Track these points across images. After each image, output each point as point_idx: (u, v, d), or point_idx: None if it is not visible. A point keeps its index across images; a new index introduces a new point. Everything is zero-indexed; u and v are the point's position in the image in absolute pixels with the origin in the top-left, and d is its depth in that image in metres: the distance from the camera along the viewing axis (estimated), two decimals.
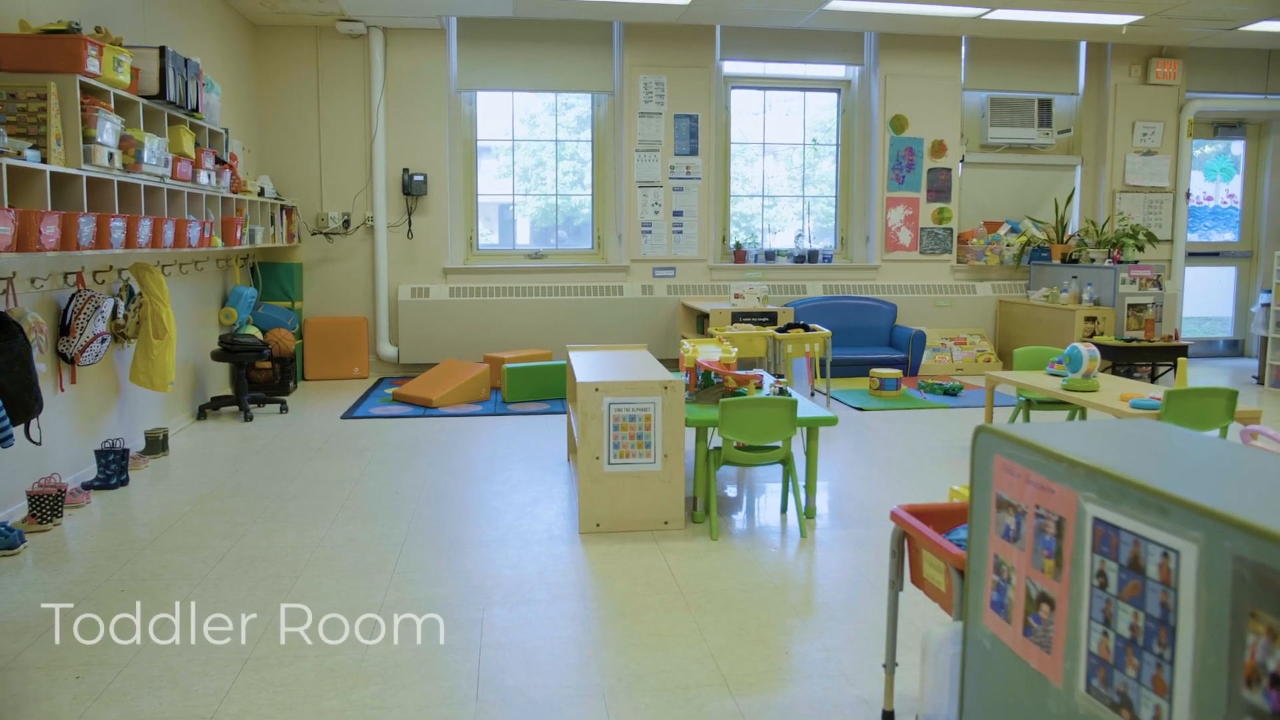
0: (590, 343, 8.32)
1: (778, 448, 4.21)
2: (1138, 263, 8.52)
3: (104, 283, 5.06)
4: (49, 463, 4.44)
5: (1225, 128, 10.10)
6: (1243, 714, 1.17)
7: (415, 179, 8.25)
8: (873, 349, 8.61)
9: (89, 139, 4.18)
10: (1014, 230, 9.38)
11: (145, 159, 4.67)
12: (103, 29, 4.58)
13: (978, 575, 1.85)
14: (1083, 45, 9.23)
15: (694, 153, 8.64)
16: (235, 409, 6.73)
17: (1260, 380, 8.26)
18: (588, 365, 4.62)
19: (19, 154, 3.72)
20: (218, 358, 6.48)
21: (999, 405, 6.21)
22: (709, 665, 2.85)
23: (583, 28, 8.38)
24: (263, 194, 7.18)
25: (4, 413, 3.63)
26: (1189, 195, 9.62)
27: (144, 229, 4.65)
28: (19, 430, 3.91)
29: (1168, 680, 1.31)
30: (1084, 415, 5.60)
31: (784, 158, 9.22)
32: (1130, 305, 8.11)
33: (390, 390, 7.54)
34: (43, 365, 4.16)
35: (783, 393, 4.47)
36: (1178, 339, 8.05)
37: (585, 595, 3.40)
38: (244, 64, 7.74)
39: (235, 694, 2.67)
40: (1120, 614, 1.42)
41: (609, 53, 8.50)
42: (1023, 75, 9.14)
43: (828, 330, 7.00)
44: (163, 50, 4.98)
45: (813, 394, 7.43)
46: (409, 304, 8.29)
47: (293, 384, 7.60)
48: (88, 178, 4.24)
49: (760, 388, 4.70)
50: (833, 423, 4.26)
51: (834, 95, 9.21)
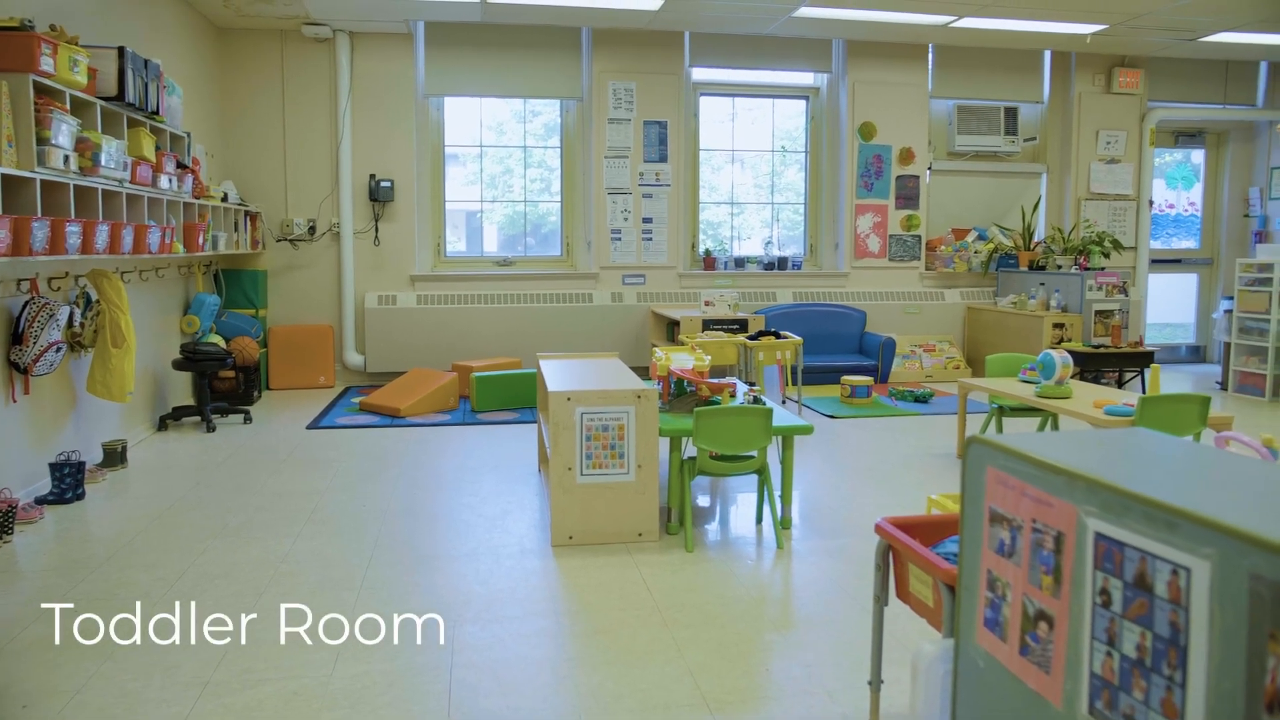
0: (560, 350, 8.25)
1: (753, 457, 4.16)
2: (1104, 269, 8.58)
3: (60, 290, 4.90)
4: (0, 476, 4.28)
5: (1186, 136, 10.24)
6: None
7: (382, 185, 8.13)
8: (843, 356, 8.60)
9: (43, 140, 4.04)
10: (981, 237, 9.43)
11: (103, 162, 4.53)
12: (58, 27, 4.44)
13: (970, 591, 1.79)
14: (1047, 54, 9.31)
15: (663, 159, 8.60)
16: (197, 419, 6.57)
17: (1224, 385, 8.35)
18: (559, 374, 4.54)
19: None
20: (179, 367, 6.32)
21: (970, 412, 6.22)
22: (688, 683, 2.77)
23: (552, 33, 8.32)
24: (226, 199, 7.03)
25: None
26: (1152, 203, 9.73)
27: (101, 234, 4.50)
28: None
29: (1179, 704, 1.26)
30: (1056, 422, 5.61)
31: (751, 165, 9.19)
32: (1097, 312, 8.17)
33: (357, 400, 7.40)
34: None
35: (757, 401, 4.42)
36: (1142, 345, 8.11)
37: (559, 611, 3.32)
38: (207, 67, 7.58)
39: None
40: (1126, 634, 1.36)
41: (578, 59, 8.44)
42: (989, 83, 9.19)
43: (799, 337, 6.97)
44: (121, 50, 4.84)
45: (784, 401, 7.39)
46: (376, 312, 8.16)
47: (257, 393, 7.44)
48: (42, 181, 4.10)
49: (734, 396, 4.65)
50: (808, 431, 4.21)
51: (803, 102, 9.21)
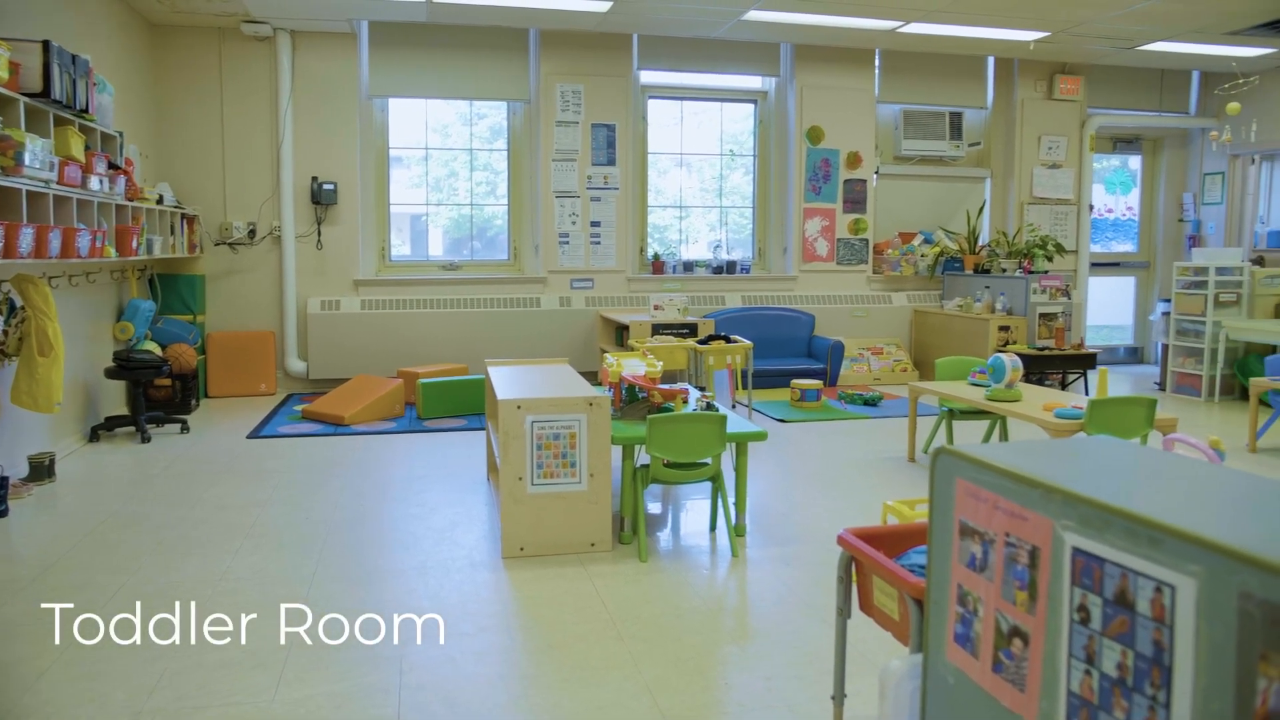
0: (507, 355, 8.14)
1: (707, 464, 4.10)
2: (1048, 273, 8.71)
3: None
4: None
5: (1123, 143, 10.46)
6: None
7: (325, 188, 7.94)
8: (792, 360, 8.61)
9: None
10: (928, 241, 9.52)
11: (27, 161, 4.32)
12: None
13: (939, 606, 1.75)
14: (991, 61, 9.43)
15: (611, 162, 8.53)
16: (131, 430, 6.34)
17: (1162, 386, 8.52)
18: (508, 381, 4.45)
19: None
20: (112, 375, 6.08)
21: (920, 415, 6.24)
22: (646, 700, 2.70)
23: (498, 34, 8.20)
24: (161, 202, 6.79)
25: None
26: (1092, 207, 9.91)
27: (25, 237, 4.30)
28: None
29: None
30: (1005, 425, 5.65)
31: (697, 169, 9.17)
32: (1041, 314, 8.28)
33: (299, 407, 7.21)
34: None
35: (710, 407, 4.37)
36: (1084, 347, 8.24)
37: (511, 626, 3.22)
38: (141, 64, 7.33)
39: None
40: (1106, 652, 1.32)
41: (525, 60, 8.33)
42: (934, 89, 9.29)
43: (749, 342, 6.95)
44: (46, 45, 4.63)
45: (734, 406, 7.37)
46: (318, 317, 7.97)
47: (195, 402, 7.21)
48: None
49: (686, 402, 4.60)
50: (762, 438, 4.17)
51: (751, 106, 9.21)
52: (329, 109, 8.01)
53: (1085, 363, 7.99)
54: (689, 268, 8.99)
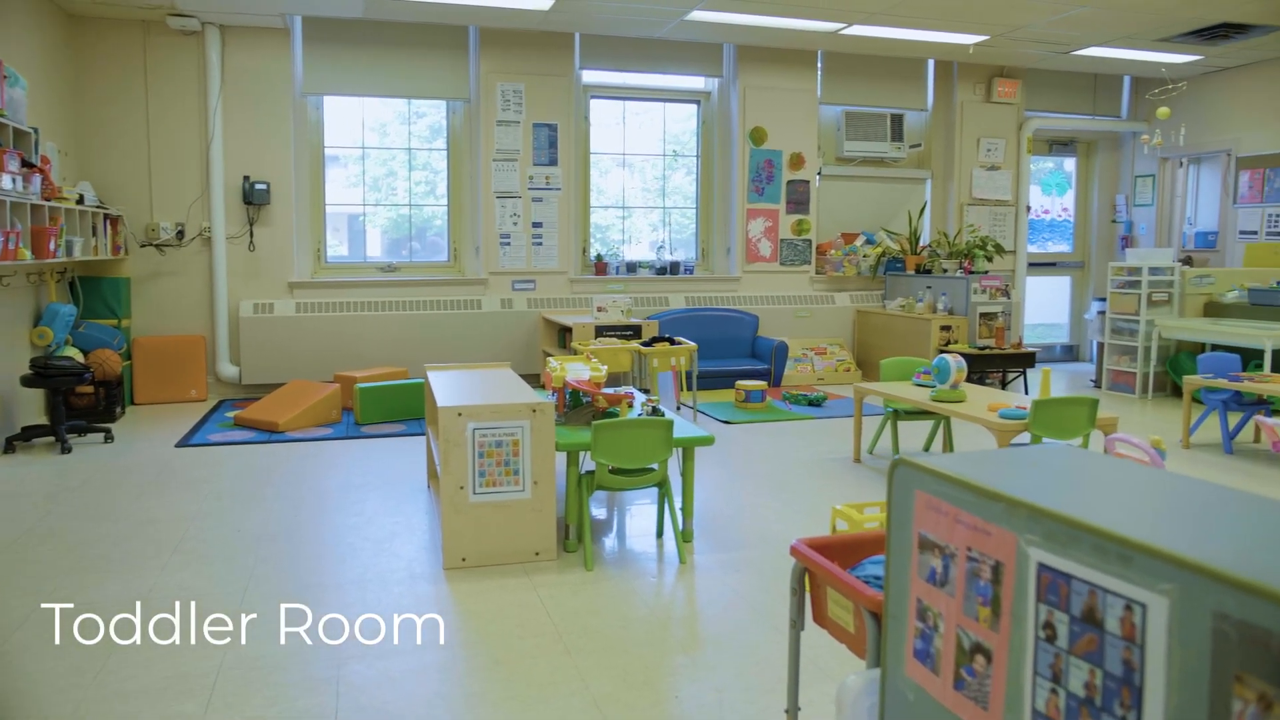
0: (448, 359, 7.99)
1: (654, 470, 4.03)
2: (988, 273, 8.81)
3: None
4: None
5: (1059, 145, 10.64)
6: None
7: (257, 187, 7.71)
8: (736, 360, 8.59)
9: None
10: (869, 241, 9.58)
11: None
12: None
13: (898, 620, 1.69)
14: (931, 64, 9.52)
15: (553, 163, 8.42)
16: (51, 440, 6.07)
17: (1098, 384, 8.67)
18: (448, 387, 4.32)
19: None
20: (29, 383, 5.81)
21: (865, 415, 6.25)
22: (594, 716, 2.62)
23: (437, 31, 8.05)
24: (82, 201, 6.51)
25: None
26: (1029, 208, 10.06)
27: None
28: None
29: None
30: (949, 425, 5.68)
31: (640, 170, 9.10)
32: (981, 314, 8.37)
33: (231, 414, 6.98)
34: None
35: (655, 411, 4.30)
36: (1023, 346, 8.35)
37: (454, 642, 3.11)
38: (58, 58, 7.03)
39: None
40: (1073, 670, 1.27)
41: (465, 58, 8.19)
42: (876, 91, 9.34)
43: (694, 344, 6.90)
44: None
45: (679, 408, 7.32)
46: (251, 320, 7.73)
47: (120, 409, 6.94)
48: None
49: (632, 407, 4.52)
50: (709, 442, 4.11)
51: (694, 106, 9.17)
52: (261, 107, 7.78)
53: (1024, 362, 8.09)
54: (632, 268, 8.92)
